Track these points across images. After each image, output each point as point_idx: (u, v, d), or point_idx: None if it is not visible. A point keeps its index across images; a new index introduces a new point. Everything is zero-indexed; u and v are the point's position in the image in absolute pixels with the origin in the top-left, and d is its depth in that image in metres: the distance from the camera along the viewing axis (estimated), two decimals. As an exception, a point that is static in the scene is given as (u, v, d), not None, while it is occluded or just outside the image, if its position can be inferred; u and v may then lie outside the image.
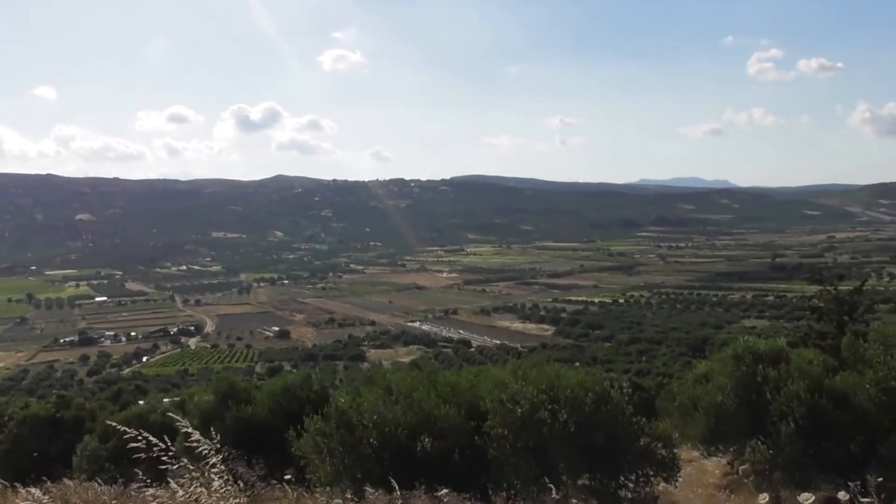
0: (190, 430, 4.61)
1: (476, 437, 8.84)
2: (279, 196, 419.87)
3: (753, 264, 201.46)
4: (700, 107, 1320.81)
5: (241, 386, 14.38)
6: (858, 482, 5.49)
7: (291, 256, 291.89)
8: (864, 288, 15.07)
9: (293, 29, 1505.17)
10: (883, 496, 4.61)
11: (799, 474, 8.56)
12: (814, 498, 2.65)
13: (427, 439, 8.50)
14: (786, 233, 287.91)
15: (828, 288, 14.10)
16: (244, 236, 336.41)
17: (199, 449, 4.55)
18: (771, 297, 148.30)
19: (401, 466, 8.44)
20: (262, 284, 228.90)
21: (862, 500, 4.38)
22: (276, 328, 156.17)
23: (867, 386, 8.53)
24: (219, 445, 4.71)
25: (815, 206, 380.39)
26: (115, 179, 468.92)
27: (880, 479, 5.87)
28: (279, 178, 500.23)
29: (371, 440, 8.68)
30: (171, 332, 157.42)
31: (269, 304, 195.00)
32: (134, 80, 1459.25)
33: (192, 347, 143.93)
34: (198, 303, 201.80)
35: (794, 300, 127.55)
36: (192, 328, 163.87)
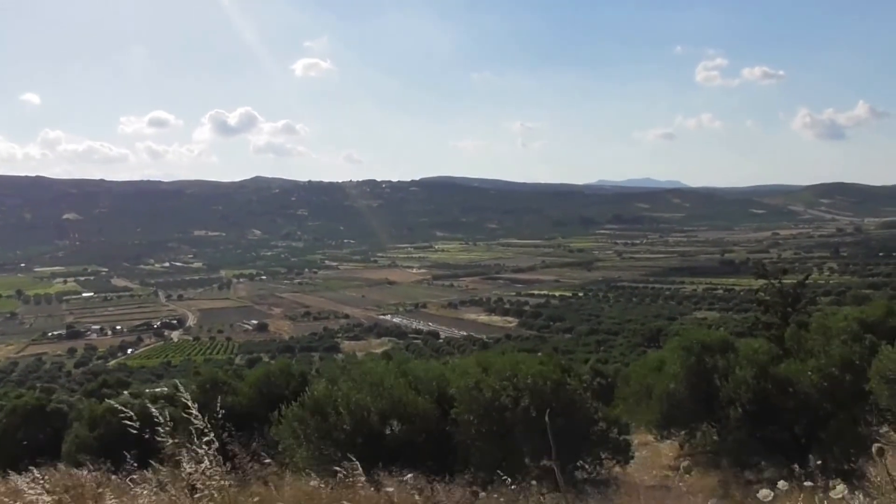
0: (190, 402, 4.38)
1: (443, 423, 8.78)
2: (258, 196, 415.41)
3: (704, 260, 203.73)
4: (653, 112, 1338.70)
5: (223, 377, 14.23)
6: (801, 463, 5.51)
7: (269, 253, 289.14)
8: (807, 282, 15.28)
9: (266, 38, 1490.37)
10: (824, 476, 4.60)
11: (745, 456, 8.62)
12: (772, 495, 2.56)
13: (396, 424, 8.43)
14: (734, 230, 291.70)
15: (773, 282, 14.25)
16: (224, 234, 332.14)
17: (195, 426, 4.34)
18: (720, 291, 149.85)
19: (373, 450, 8.36)
20: (241, 280, 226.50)
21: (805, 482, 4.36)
22: (255, 321, 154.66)
23: (809, 373, 8.62)
24: (213, 422, 4.52)
25: (760, 205, 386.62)
26: (101, 181, 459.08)
27: (819, 463, 5.90)
28: (258, 179, 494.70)
29: (345, 426, 8.60)
30: (155, 326, 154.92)
31: (248, 299, 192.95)
32: (116, 87, 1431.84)
33: (175, 340, 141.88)
34: (180, 298, 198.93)
35: (741, 293, 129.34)
36: (175, 322, 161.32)
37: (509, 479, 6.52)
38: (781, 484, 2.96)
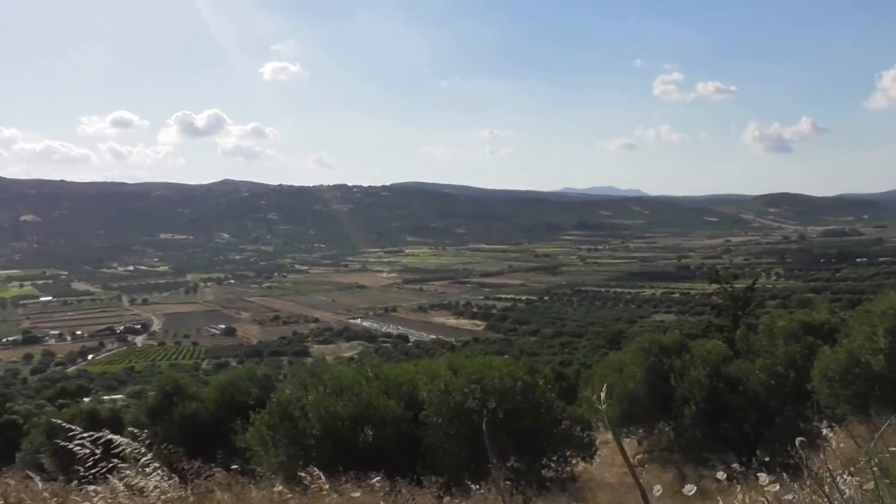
0: (115, 437, 4.43)
1: (413, 426, 8.86)
2: (226, 199, 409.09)
3: (662, 265, 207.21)
4: (615, 123, 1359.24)
5: (186, 382, 13.96)
6: (749, 458, 5.80)
7: (238, 257, 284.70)
8: (755, 286, 15.86)
9: (234, 40, 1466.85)
10: (768, 471, 4.87)
11: (699, 452, 8.95)
12: (694, 489, 2.79)
13: (368, 429, 8.48)
14: (689, 237, 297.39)
15: (725, 286, 14.78)
16: (191, 238, 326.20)
17: (131, 451, 4.41)
18: (677, 294, 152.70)
19: (343, 455, 8.39)
20: (208, 284, 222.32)
21: (757, 474, 4.62)
22: (223, 326, 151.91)
23: (757, 372, 9.00)
24: (152, 443, 4.56)
25: (714, 214, 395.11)
26: (61, 182, 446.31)
27: (767, 459, 6.21)
28: (226, 182, 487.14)
29: (314, 431, 8.60)
30: (118, 331, 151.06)
31: (215, 303, 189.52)
32: (76, 85, 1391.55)
33: (139, 345, 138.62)
34: (145, 302, 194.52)
35: (696, 297, 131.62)
36: (139, 327, 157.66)
37: (473, 483, 6.67)
38: (720, 475, 3.18)
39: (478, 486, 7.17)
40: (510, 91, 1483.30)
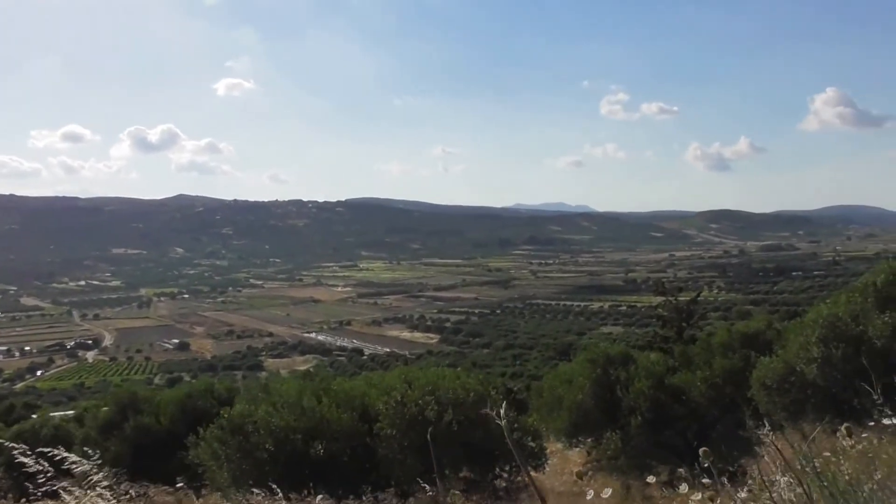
0: (67, 454, 4.25)
1: (367, 439, 8.75)
2: (181, 214, 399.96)
3: (610, 278, 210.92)
4: (563, 141, 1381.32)
5: (143, 396, 13.48)
6: (691, 465, 5.90)
7: (192, 272, 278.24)
8: (698, 299, 16.29)
9: (186, 56, 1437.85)
10: (710, 477, 4.95)
11: (645, 461, 9.08)
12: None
13: (321, 443, 8.33)
14: (636, 251, 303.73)
15: (670, 299, 15.12)
16: (145, 253, 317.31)
17: (79, 468, 4.23)
18: (624, 307, 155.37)
19: (296, 470, 8.22)
20: (162, 299, 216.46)
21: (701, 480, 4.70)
22: (176, 341, 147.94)
23: (698, 383, 9.21)
24: (101, 462, 4.37)
25: (659, 229, 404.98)
26: (10, 196, 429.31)
27: (706, 466, 6.32)
28: (181, 198, 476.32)
29: (267, 446, 8.41)
30: (68, 347, 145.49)
31: (169, 318, 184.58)
32: (25, 99, 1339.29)
33: (90, 361, 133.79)
34: (96, 317, 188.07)
35: (643, 309, 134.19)
36: (90, 342, 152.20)
37: (428, 489, 6.62)
38: (650, 479, 3.21)
39: (432, 492, 7.10)
40: (461, 109, 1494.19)
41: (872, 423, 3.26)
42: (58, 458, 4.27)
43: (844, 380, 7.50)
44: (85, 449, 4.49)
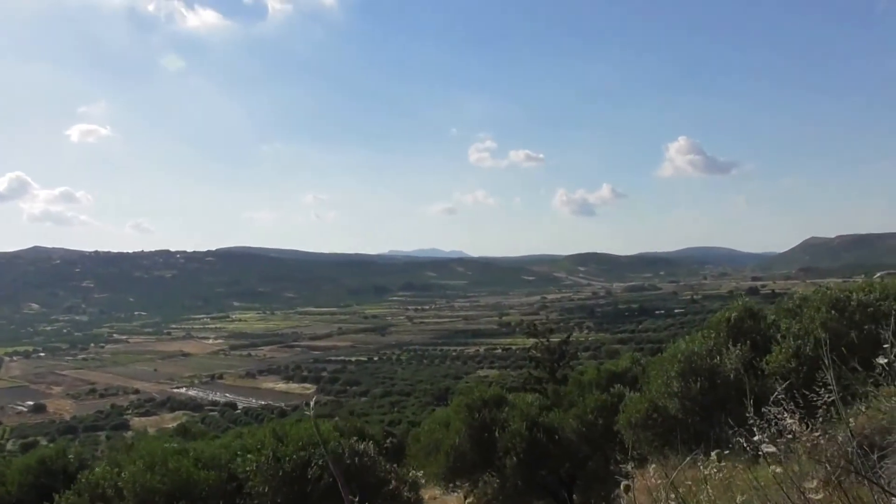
0: None
1: (236, 497, 8.25)
2: (35, 267, 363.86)
3: (485, 322, 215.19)
4: (435, 188, 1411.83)
5: None
6: (567, 502, 5.99)
7: (49, 328, 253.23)
8: (569, 339, 16.94)
9: (35, 100, 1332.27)
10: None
11: (522, 500, 9.13)
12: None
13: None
14: (509, 295, 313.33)
15: (542, 340, 15.59)
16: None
17: None
18: (499, 350, 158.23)
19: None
20: (15, 358, 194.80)
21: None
22: (31, 402, 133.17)
23: (571, 421, 9.48)
24: None
25: (530, 273, 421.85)
26: None
27: (581, 503, 6.45)
28: (36, 249, 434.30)
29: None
30: None
31: (22, 378, 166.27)
32: None
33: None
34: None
35: (517, 351, 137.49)
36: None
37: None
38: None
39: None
40: (332, 156, 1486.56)
41: (728, 452, 3.45)
42: None
43: (702, 411, 7.98)
44: None
